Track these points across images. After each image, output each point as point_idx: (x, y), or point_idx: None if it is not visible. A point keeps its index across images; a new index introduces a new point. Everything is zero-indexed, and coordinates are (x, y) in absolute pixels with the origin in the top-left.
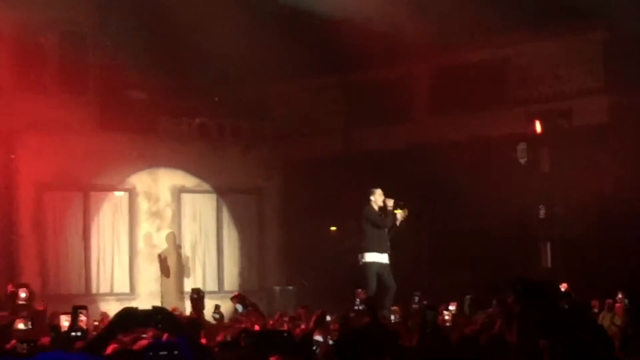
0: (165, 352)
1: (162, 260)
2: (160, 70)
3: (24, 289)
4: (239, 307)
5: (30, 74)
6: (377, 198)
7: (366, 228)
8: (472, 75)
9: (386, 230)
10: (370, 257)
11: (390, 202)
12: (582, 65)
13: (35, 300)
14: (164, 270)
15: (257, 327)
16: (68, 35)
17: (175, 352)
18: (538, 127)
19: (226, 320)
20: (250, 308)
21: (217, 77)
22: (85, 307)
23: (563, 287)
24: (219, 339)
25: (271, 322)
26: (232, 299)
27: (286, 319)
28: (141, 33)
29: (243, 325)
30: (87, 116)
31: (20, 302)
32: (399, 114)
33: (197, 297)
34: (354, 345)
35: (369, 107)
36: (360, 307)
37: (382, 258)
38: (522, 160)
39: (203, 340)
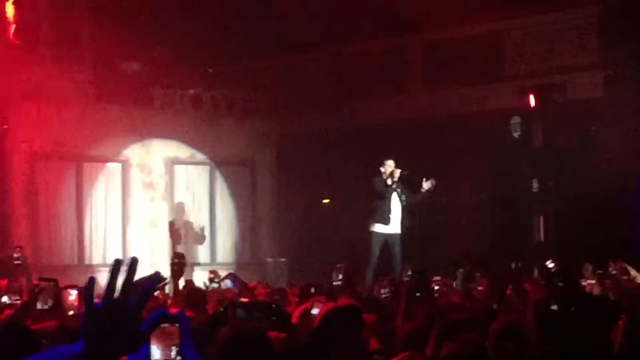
0: (167, 325)
1: (173, 229)
2: (154, 41)
3: (17, 249)
4: (228, 283)
5: (23, 43)
6: (387, 169)
7: (371, 199)
8: (466, 48)
9: (391, 201)
10: (374, 227)
11: (397, 173)
12: (577, 39)
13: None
14: (176, 238)
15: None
16: (61, 4)
17: (177, 325)
18: (532, 101)
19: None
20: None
21: (211, 48)
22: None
23: (549, 263)
24: (209, 308)
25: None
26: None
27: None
28: (135, 3)
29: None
30: (80, 87)
31: (16, 263)
32: (392, 87)
33: (179, 262)
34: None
35: (363, 79)
36: (339, 283)
37: (386, 229)
38: (516, 134)
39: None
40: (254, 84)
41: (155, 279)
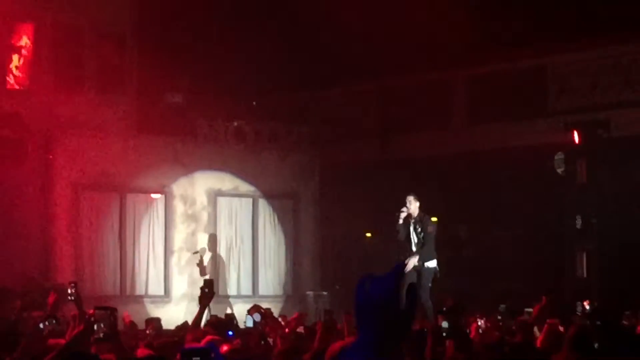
0: (197, 358)
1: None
2: (198, 73)
3: (71, 285)
4: (257, 317)
5: (69, 74)
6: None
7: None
8: (510, 84)
9: (412, 235)
10: (406, 261)
11: (411, 205)
12: (621, 76)
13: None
14: (201, 269)
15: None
16: (107, 36)
17: (213, 355)
18: (576, 137)
19: None
20: (267, 318)
21: (255, 81)
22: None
23: (586, 303)
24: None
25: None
26: (248, 311)
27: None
28: (180, 35)
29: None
30: (124, 118)
31: (69, 299)
32: (436, 121)
33: (209, 291)
34: None
35: (406, 113)
36: None
37: (416, 261)
38: (560, 171)
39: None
40: (298, 116)
41: (400, 271)
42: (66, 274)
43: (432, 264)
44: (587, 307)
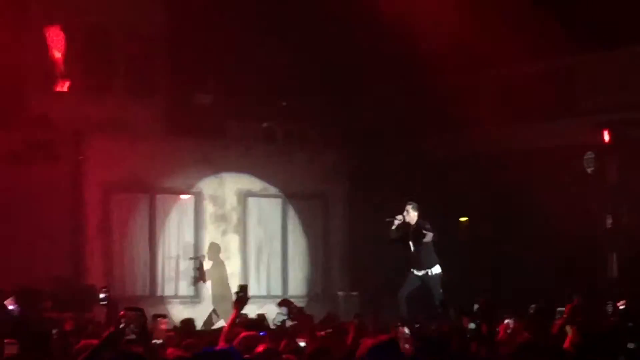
0: None
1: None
2: (227, 74)
3: (104, 289)
4: (284, 310)
5: (99, 75)
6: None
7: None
8: (540, 83)
9: (410, 245)
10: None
11: (410, 213)
12: None
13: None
14: (201, 275)
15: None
16: (136, 37)
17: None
18: (606, 136)
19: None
20: (295, 314)
21: (285, 82)
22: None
23: (621, 303)
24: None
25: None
26: (279, 304)
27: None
28: (210, 36)
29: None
30: (154, 118)
31: (102, 304)
32: (465, 122)
33: (244, 295)
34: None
35: (436, 114)
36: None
37: (418, 271)
38: (589, 170)
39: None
40: (328, 117)
41: None
42: (96, 274)
43: (436, 270)
44: (622, 307)
